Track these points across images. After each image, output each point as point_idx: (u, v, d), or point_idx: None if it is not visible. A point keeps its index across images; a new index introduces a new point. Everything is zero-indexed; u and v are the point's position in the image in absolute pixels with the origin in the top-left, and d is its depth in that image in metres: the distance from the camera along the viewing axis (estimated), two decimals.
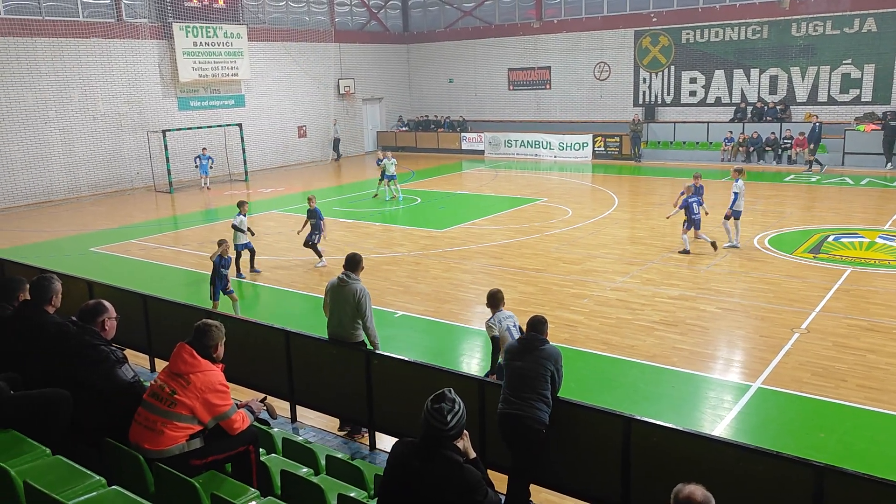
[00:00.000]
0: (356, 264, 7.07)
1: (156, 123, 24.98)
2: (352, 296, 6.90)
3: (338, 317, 7.03)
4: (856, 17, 24.36)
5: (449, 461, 3.47)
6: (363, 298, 6.91)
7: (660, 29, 28.29)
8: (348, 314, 6.96)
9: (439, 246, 14.99)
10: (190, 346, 4.51)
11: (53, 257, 14.95)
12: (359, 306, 6.90)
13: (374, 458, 6.68)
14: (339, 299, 6.98)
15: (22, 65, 21.64)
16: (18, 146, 21.85)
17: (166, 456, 4.25)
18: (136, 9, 24.61)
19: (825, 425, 7.21)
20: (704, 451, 4.96)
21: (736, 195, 13.68)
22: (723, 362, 8.85)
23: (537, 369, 5.43)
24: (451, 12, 34.15)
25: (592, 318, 10.35)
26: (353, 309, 6.92)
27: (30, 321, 5.20)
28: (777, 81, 26.36)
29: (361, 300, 6.89)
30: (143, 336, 8.77)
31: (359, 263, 7.09)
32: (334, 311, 7.06)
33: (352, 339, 7.02)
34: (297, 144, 30.80)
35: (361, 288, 6.96)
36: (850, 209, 17.57)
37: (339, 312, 7.00)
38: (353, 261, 7.07)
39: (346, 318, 6.98)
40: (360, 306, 6.89)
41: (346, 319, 6.98)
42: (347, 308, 6.94)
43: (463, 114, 34.10)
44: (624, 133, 27.90)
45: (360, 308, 6.90)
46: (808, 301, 10.66)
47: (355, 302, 6.89)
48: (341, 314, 6.99)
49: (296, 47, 29.97)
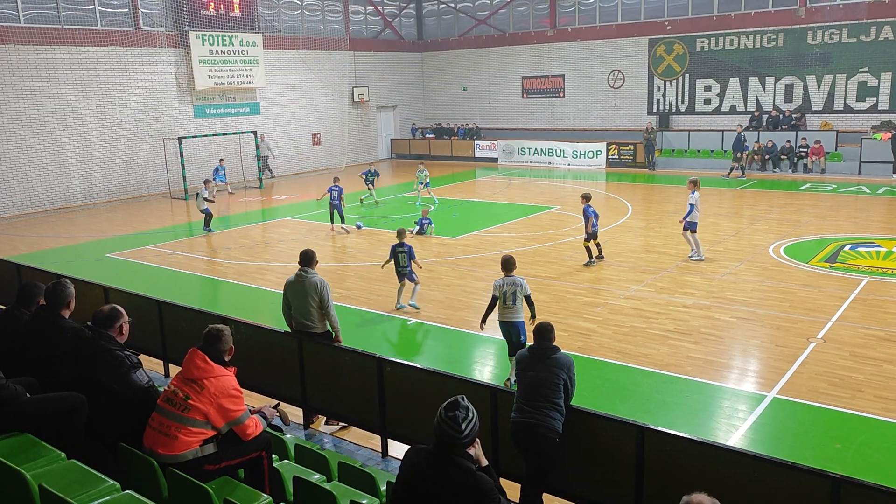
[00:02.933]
0: (310, 259, 7.49)
1: (172, 131, 25.22)
2: (313, 288, 7.28)
3: (302, 310, 7.36)
4: (872, 24, 24.19)
5: (462, 468, 3.47)
6: (324, 290, 7.32)
7: (674, 37, 28.22)
8: (313, 306, 7.31)
9: (452, 253, 15.00)
10: (202, 351, 4.54)
11: (70, 263, 15.09)
12: (321, 297, 7.29)
13: (387, 465, 6.68)
14: (301, 293, 7.35)
15: (41, 72, 21.93)
16: (37, 153, 22.12)
17: (180, 461, 4.27)
18: (153, 17, 24.90)
19: (841, 436, 7.13)
20: (719, 462, 4.92)
21: (692, 206, 13.41)
22: (738, 372, 8.77)
23: (550, 378, 5.41)
24: (465, 21, 34.26)
25: (606, 326, 10.30)
26: (316, 301, 7.29)
27: (47, 326, 5.26)
28: (792, 90, 26.20)
29: (323, 291, 7.31)
30: (157, 341, 8.83)
31: (312, 258, 7.51)
32: (297, 306, 7.39)
33: (318, 330, 7.42)
34: (311, 152, 30.97)
35: (321, 280, 7.38)
36: (866, 218, 17.40)
37: (303, 306, 7.35)
38: (307, 256, 7.49)
39: (311, 311, 7.33)
40: (322, 297, 7.30)
41: (312, 311, 7.33)
42: (311, 301, 7.30)
43: (477, 122, 34.16)
44: (638, 141, 27.82)
45: (322, 298, 7.30)
46: (825, 311, 10.56)
47: (317, 294, 7.28)
48: (306, 307, 7.33)
49: (311, 55, 30.18)
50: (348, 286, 12.77)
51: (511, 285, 8.02)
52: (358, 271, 13.70)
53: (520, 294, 8.03)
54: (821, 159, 24.21)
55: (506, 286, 8.02)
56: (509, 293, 8.01)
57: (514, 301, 8.02)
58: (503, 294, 8.02)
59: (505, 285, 8.03)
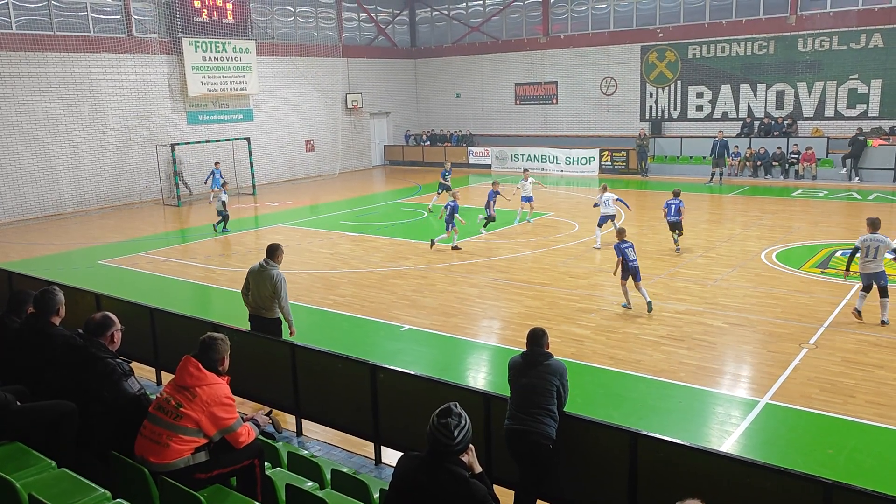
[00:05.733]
0: (273, 253, 8.28)
1: (164, 137, 25.17)
2: (269, 279, 8.12)
3: (258, 296, 8.22)
4: (862, 32, 24.40)
5: (455, 476, 3.46)
6: (279, 283, 8.13)
7: (666, 44, 28.38)
8: (266, 295, 8.17)
9: (446, 260, 15.00)
10: (196, 359, 4.52)
11: (62, 270, 15.03)
12: (275, 289, 8.12)
13: (380, 472, 6.66)
14: (259, 281, 8.21)
15: (33, 79, 21.87)
16: (28, 160, 22.04)
17: (171, 469, 4.25)
18: (146, 24, 24.87)
19: (834, 441, 7.15)
20: (712, 467, 4.93)
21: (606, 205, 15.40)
22: (730, 377, 8.79)
23: (543, 384, 5.41)
24: (458, 28, 34.37)
25: (599, 332, 10.32)
26: (271, 291, 8.13)
27: (37, 333, 5.24)
28: (784, 96, 26.38)
29: (278, 284, 8.12)
30: (150, 349, 8.79)
31: (275, 251, 8.30)
32: (254, 292, 8.25)
33: (269, 315, 8.25)
34: (304, 158, 30.96)
35: (278, 273, 8.20)
36: (858, 224, 17.45)
37: (259, 292, 8.21)
38: (271, 249, 8.31)
39: (264, 298, 8.18)
40: (277, 289, 8.12)
41: (265, 299, 8.18)
42: (265, 290, 8.15)
43: (470, 128, 34.23)
44: (630, 148, 27.92)
45: (276, 290, 8.13)
46: (817, 316, 10.60)
47: (272, 285, 8.11)
48: (261, 294, 8.20)
49: (304, 62, 30.20)
50: (341, 293, 12.76)
51: (875, 241, 9.89)
52: (351, 278, 13.69)
53: (882, 249, 9.82)
54: (812, 165, 24.37)
55: (870, 241, 9.88)
56: (872, 248, 9.86)
57: (875, 255, 9.87)
58: (866, 248, 9.91)
59: (869, 241, 9.88)
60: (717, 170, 24.63)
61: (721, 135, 25.40)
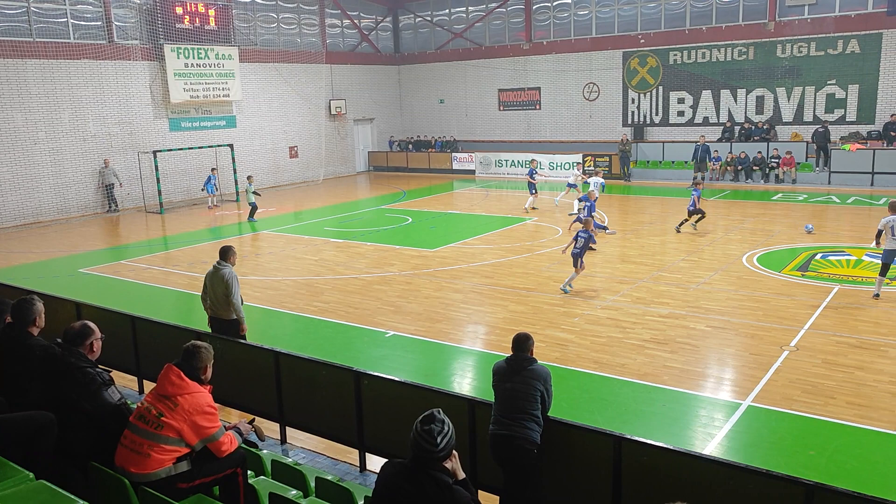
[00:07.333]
0: (225, 254, 8.59)
1: (146, 144, 24.99)
2: (222, 279, 8.41)
3: (213, 299, 8.50)
4: (839, 38, 24.74)
5: (438, 482, 3.45)
6: (231, 280, 8.42)
7: (648, 50, 28.62)
8: (221, 294, 8.42)
9: (430, 266, 15.00)
10: (178, 367, 4.48)
11: (42, 279, 14.85)
12: (227, 286, 8.38)
13: (365, 479, 6.62)
14: (214, 282, 8.49)
15: (12, 86, 21.64)
16: (7, 167, 21.79)
17: (153, 479, 4.20)
18: (127, 30, 24.70)
19: (815, 443, 7.21)
20: (695, 470, 4.95)
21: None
22: (713, 380, 8.85)
23: (527, 390, 5.41)
24: (441, 34, 34.45)
25: (583, 336, 10.35)
26: (224, 290, 8.38)
27: (15, 344, 5.16)
28: (763, 101, 26.68)
29: (230, 281, 8.41)
30: (131, 358, 8.71)
31: (227, 252, 8.60)
32: (210, 294, 8.52)
33: (227, 316, 8.50)
34: (288, 165, 30.86)
35: (230, 272, 8.51)
36: (837, 227, 17.72)
37: (215, 294, 8.48)
38: (223, 251, 8.63)
39: (220, 298, 8.44)
40: (229, 285, 8.39)
41: (220, 299, 8.44)
42: (220, 290, 8.42)
43: (454, 134, 34.29)
44: (613, 153, 28.11)
45: (228, 287, 8.37)
46: (797, 319, 10.71)
47: (225, 283, 8.38)
48: (216, 295, 8.47)
49: (287, 68, 30.14)
50: (325, 299, 12.71)
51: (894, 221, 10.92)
52: (335, 284, 13.64)
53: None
54: (791, 170, 24.65)
55: (892, 222, 10.94)
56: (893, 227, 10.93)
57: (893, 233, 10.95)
58: (890, 227, 10.95)
59: (891, 221, 10.95)
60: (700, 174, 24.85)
61: (703, 139, 25.65)
